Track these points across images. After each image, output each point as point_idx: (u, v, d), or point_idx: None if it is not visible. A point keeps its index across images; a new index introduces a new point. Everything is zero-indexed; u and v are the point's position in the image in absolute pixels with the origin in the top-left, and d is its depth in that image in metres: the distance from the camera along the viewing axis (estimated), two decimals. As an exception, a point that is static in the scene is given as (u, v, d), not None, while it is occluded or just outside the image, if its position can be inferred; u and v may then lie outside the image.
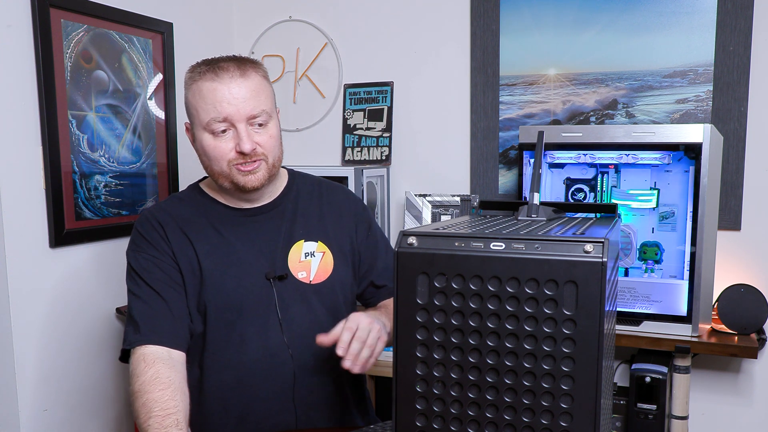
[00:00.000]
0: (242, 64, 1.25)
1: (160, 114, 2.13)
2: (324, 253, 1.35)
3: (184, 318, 1.25)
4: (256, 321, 1.27)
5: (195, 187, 1.39)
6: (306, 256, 1.33)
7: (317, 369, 1.30)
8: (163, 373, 1.14)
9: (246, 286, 1.27)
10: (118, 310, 1.97)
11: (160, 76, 2.12)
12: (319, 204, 1.40)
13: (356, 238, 1.41)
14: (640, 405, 1.79)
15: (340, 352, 1.13)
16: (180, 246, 1.28)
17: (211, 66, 1.24)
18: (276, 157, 1.29)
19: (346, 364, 1.13)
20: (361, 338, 1.14)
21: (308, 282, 1.32)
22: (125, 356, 1.24)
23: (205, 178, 1.41)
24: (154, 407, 1.08)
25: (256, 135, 1.25)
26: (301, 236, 1.34)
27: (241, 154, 1.23)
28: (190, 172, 2.27)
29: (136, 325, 1.21)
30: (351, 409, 1.36)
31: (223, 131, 1.23)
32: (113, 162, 1.95)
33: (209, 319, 1.27)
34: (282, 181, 1.40)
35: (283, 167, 1.42)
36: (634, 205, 1.77)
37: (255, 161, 1.25)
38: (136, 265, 1.27)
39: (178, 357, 1.21)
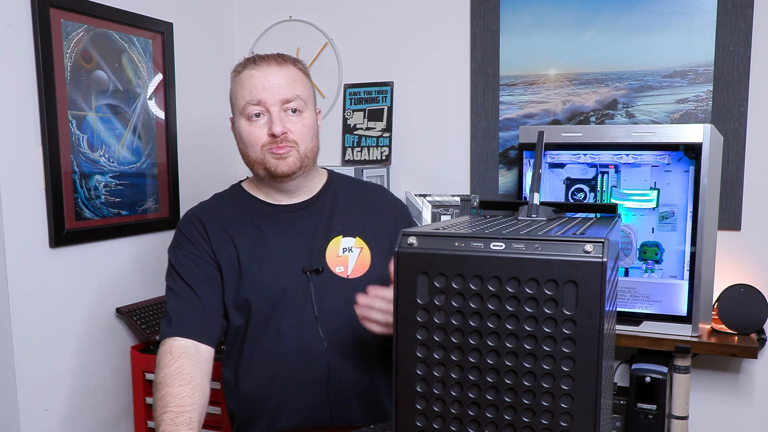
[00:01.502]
0: (282, 56, 1.33)
1: (160, 114, 2.13)
2: (362, 248, 1.37)
3: (216, 314, 1.28)
4: (292, 314, 1.29)
5: (237, 186, 1.44)
6: (344, 251, 1.35)
7: (352, 363, 1.32)
8: (186, 368, 1.15)
9: (283, 279, 1.30)
10: (118, 310, 1.97)
11: (160, 76, 2.12)
12: (357, 201, 1.42)
13: (396, 235, 1.41)
14: (640, 405, 1.79)
15: (361, 300, 1.15)
16: (220, 243, 1.32)
17: (253, 57, 1.32)
18: (308, 147, 1.32)
19: (359, 310, 1.16)
20: (385, 304, 1.15)
21: (346, 276, 1.34)
22: None
23: (245, 178, 1.45)
24: (170, 402, 1.10)
25: (288, 121, 1.29)
26: (339, 232, 1.36)
27: (273, 136, 1.27)
28: (190, 172, 2.27)
29: (169, 319, 1.25)
30: (385, 404, 1.38)
31: (257, 115, 1.28)
32: (113, 162, 1.95)
33: (247, 311, 1.30)
34: (321, 179, 1.43)
35: (322, 168, 1.46)
36: (630, 204, 1.77)
37: (286, 146, 1.28)
38: (174, 261, 1.32)
39: (206, 352, 1.23)
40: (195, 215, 1.36)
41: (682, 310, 1.73)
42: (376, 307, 1.17)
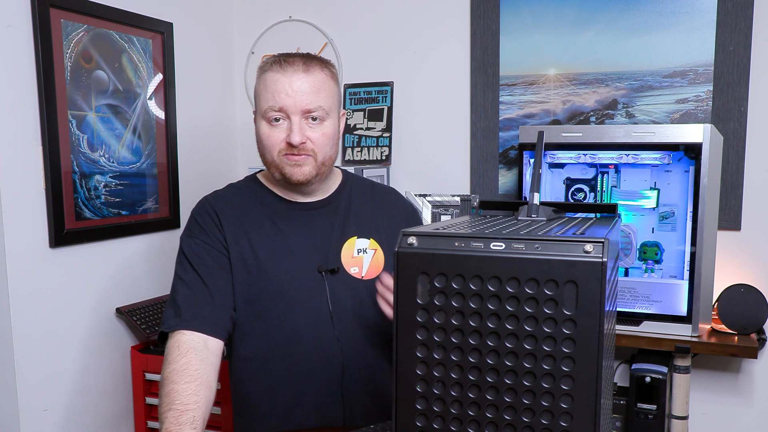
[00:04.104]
0: (309, 60, 1.29)
1: (160, 114, 2.13)
2: (376, 250, 1.37)
3: (226, 307, 1.27)
4: (308, 313, 1.29)
5: (252, 178, 1.42)
6: (358, 252, 1.35)
7: (366, 363, 1.32)
8: (193, 364, 1.15)
9: (299, 278, 1.30)
10: (118, 310, 1.97)
11: (160, 76, 2.12)
12: (371, 203, 1.42)
13: None
14: (640, 405, 1.79)
15: (385, 280, 1.19)
16: (234, 235, 1.31)
17: (280, 59, 1.29)
18: (327, 155, 1.31)
19: (379, 286, 1.19)
20: None
21: (360, 277, 1.34)
22: (163, 338, 1.25)
23: (262, 169, 1.43)
24: (175, 399, 1.10)
25: (309, 130, 1.28)
26: (354, 233, 1.36)
27: (290, 145, 1.26)
28: (190, 172, 2.27)
29: (178, 309, 1.23)
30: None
31: (278, 120, 1.27)
32: (113, 162, 1.95)
33: (261, 308, 1.29)
34: (336, 180, 1.43)
35: (337, 167, 1.46)
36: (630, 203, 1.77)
37: (303, 155, 1.28)
38: (187, 249, 1.30)
39: (214, 346, 1.22)
40: (209, 203, 1.35)
41: (682, 310, 1.73)
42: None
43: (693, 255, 1.69)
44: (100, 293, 1.93)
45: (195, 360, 1.16)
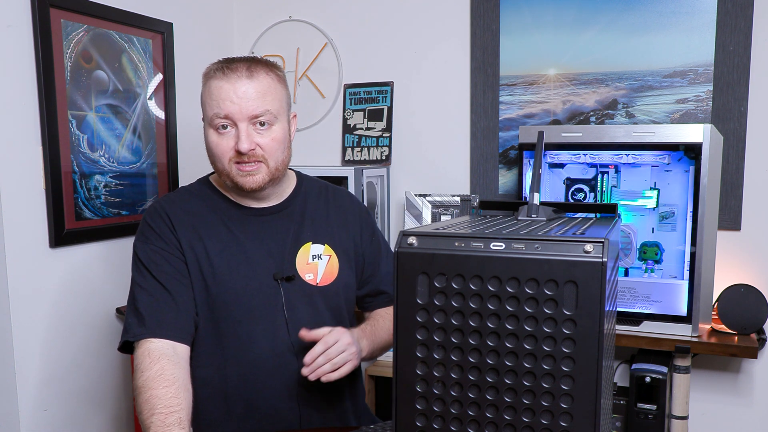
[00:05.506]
0: (253, 64, 1.27)
1: (160, 114, 2.13)
2: (330, 256, 1.36)
3: (189, 311, 1.26)
4: (264, 320, 1.28)
5: (205, 181, 1.40)
6: (313, 258, 1.34)
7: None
8: (167, 369, 1.14)
9: (255, 285, 1.28)
10: (118, 310, 1.97)
11: (160, 76, 2.12)
12: (326, 207, 1.41)
13: (360, 242, 1.42)
14: (640, 405, 1.79)
15: (306, 359, 1.18)
16: (188, 240, 1.29)
17: (223, 65, 1.27)
18: (279, 160, 1.29)
19: (305, 371, 1.19)
20: (330, 356, 1.19)
21: (315, 284, 1.33)
22: (125, 347, 1.24)
23: (213, 172, 1.41)
24: (157, 404, 1.08)
25: (257, 136, 1.26)
26: (309, 238, 1.35)
27: (239, 153, 1.25)
28: (190, 172, 2.27)
29: (141, 318, 1.21)
30: (348, 412, 1.38)
31: (225, 127, 1.25)
32: (113, 162, 1.95)
33: (216, 315, 1.28)
34: (291, 183, 1.41)
35: (291, 169, 1.43)
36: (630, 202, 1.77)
37: (254, 162, 1.26)
38: (143, 256, 1.28)
39: (183, 352, 1.21)
40: (162, 208, 1.32)
41: (682, 310, 1.73)
42: (319, 363, 1.19)
43: (693, 255, 1.69)
44: (100, 293, 1.93)
45: (168, 365, 1.14)
